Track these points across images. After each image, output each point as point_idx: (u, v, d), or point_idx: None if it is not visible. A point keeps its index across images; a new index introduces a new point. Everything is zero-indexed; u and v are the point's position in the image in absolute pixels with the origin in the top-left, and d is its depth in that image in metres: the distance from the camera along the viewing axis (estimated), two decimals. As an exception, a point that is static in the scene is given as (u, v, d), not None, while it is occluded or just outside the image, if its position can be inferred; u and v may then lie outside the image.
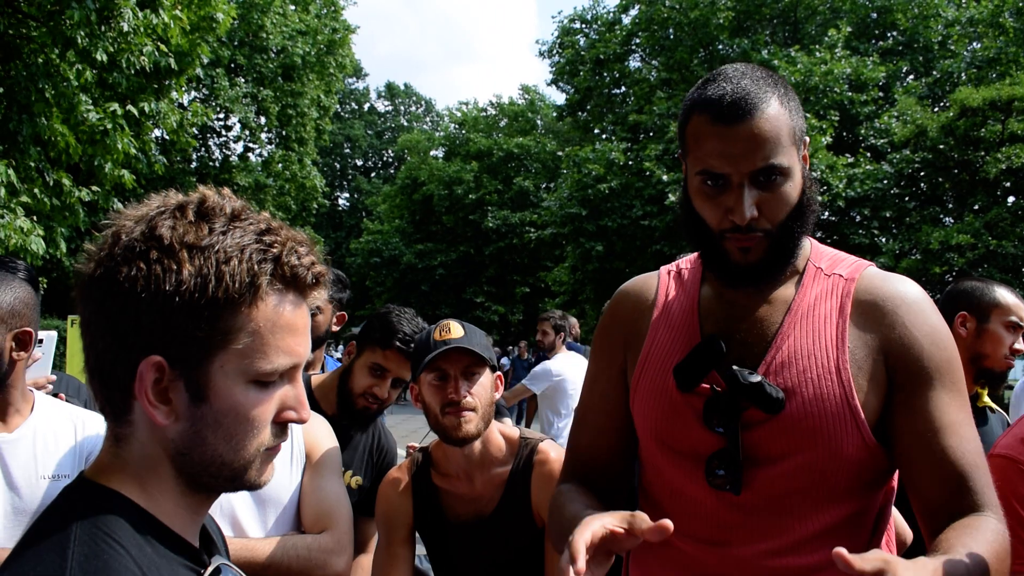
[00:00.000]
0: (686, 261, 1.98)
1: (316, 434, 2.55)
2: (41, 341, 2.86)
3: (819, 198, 1.76)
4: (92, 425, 2.50)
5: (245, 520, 2.33)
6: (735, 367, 1.68)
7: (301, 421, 1.18)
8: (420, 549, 2.69)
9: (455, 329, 2.47)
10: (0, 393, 2.33)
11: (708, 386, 1.72)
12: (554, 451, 2.54)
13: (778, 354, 1.70)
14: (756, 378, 1.65)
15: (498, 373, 2.57)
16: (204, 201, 1.12)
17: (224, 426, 1.10)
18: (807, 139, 1.74)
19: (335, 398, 3.01)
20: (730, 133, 1.61)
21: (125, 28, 9.22)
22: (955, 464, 1.60)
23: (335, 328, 3.80)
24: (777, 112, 1.62)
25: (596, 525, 1.40)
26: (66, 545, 1.00)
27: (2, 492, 2.27)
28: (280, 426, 1.17)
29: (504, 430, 2.61)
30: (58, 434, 2.43)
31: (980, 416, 3.10)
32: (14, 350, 2.30)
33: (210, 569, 1.14)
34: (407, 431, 20.13)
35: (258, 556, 2.24)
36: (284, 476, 2.43)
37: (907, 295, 1.72)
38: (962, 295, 3.15)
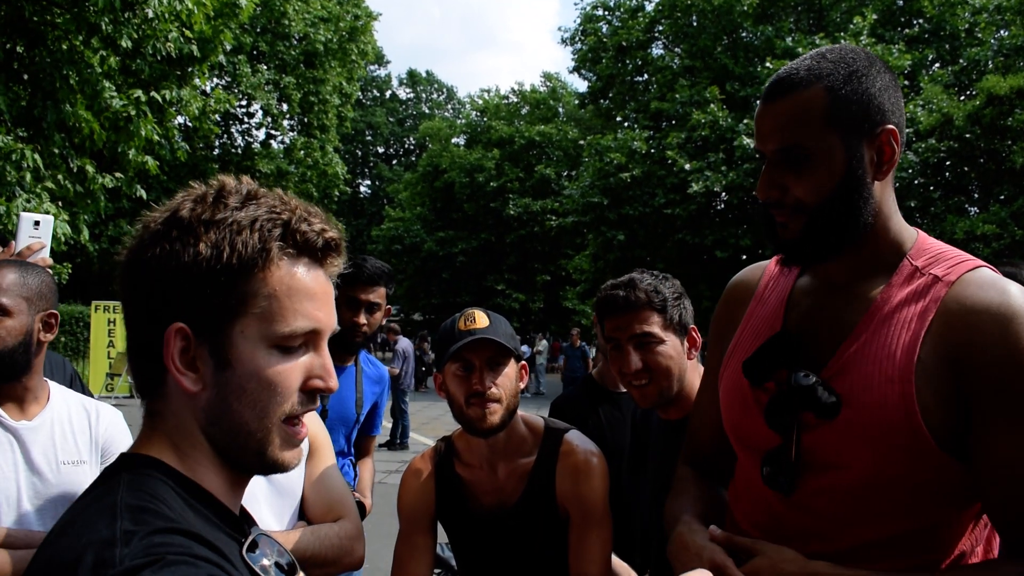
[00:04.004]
0: None
1: (313, 424, 2.55)
2: (38, 223, 2.87)
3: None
4: (105, 414, 2.57)
5: (267, 515, 2.31)
6: (795, 368, 1.67)
7: (329, 390, 1.22)
8: (442, 536, 2.68)
9: (480, 319, 2.44)
10: (23, 378, 2.38)
11: (775, 383, 1.73)
12: (580, 442, 2.52)
13: (844, 356, 1.66)
14: (810, 380, 1.63)
15: (523, 363, 2.54)
16: (223, 186, 1.19)
17: (248, 391, 1.14)
18: (886, 127, 1.65)
19: None
20: (763, 112, 1.68)
21: (150, 14, 9.25)
22: (1016, 504, 1.54)
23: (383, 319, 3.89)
24: (815, 95, 1.61)
25: None
26: (114, 510, 1.03)
27: (25, 477, 2.32)
28: (308, 395, 1.20)
29: (529, 420, 2.59)
30: (74, 421, 2.49)
31: None
32: (41, 332, 2.40)
33: (250, 539, 1.17)
34: (428, 418, 20.21)
35: (301, 548, 2.24)
36: (297, 467, 2.40)
37: (998, 309, 1.56)
38: None
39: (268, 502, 2.32)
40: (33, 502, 2.30)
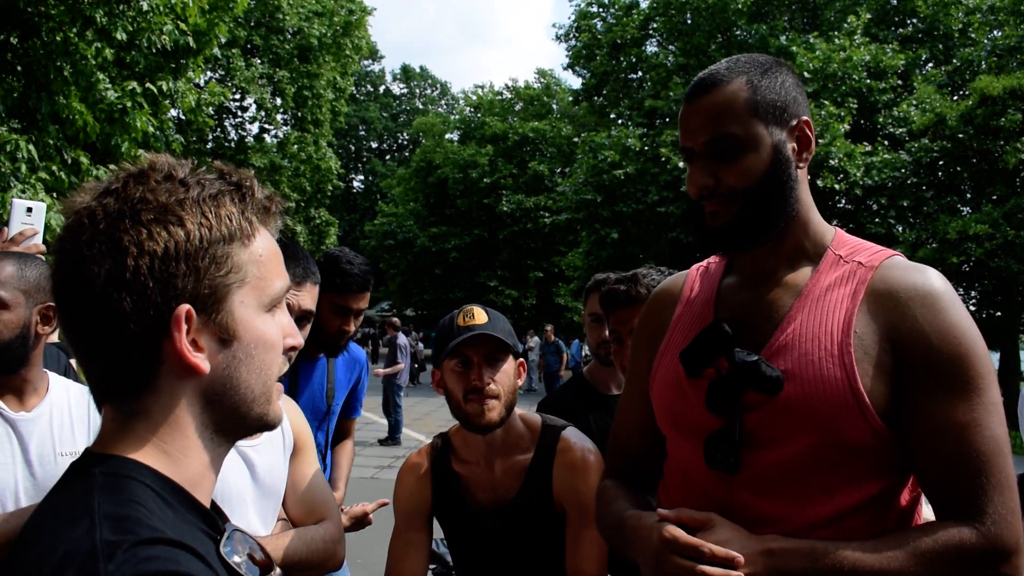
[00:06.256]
0: (716, 257, 2.04)
1: (299, 421, 2.56)
2: (30, 210, 2.87)
3: (811, 184, 1.80)
4: None
5: (253, 518, 2.31)
6: (736, 348, 1.72)
7: (299, 345, 1.26)
8: (438, 532, 2.68)
9: (479, 315, 2.45)
10: (22, 370, 2.38)
11: (714, 370, 1.77)
12: (576, 439, 2.52)
13: (782, 336, 1.73)
14: (753, 358, 1.69)
15: (520, 360, 2.55)
16: (155, 165, 1.16)
17: (255, 357, 1.16)
18: (801, 119, 1.79)
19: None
20: (689, 109, 1.78)
21: (145, 7, 9.22)
22: (952, 470, 1.61)
23: None
24: (738, 88, 1.73)
25: None
26: (91, 516, 0.99)
27: (22, 469, 2.32)
28: (284, 354, 1.24)
29: (526, 416, 2.59)
30: (73, 412, 2.48)
31: None
32: (39, 324, 2.39)
33: (226, 534, 1.15)
34: (421, 413, 20.20)
35: (291, 554, 2.25)
36: (279, 463, 2.41)
37: (923, 288, 1.68)
38: None
39: (255, 504, 2.32)
40: (30, 493, 2.29)
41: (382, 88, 67.14)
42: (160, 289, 1.07)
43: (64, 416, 2.45)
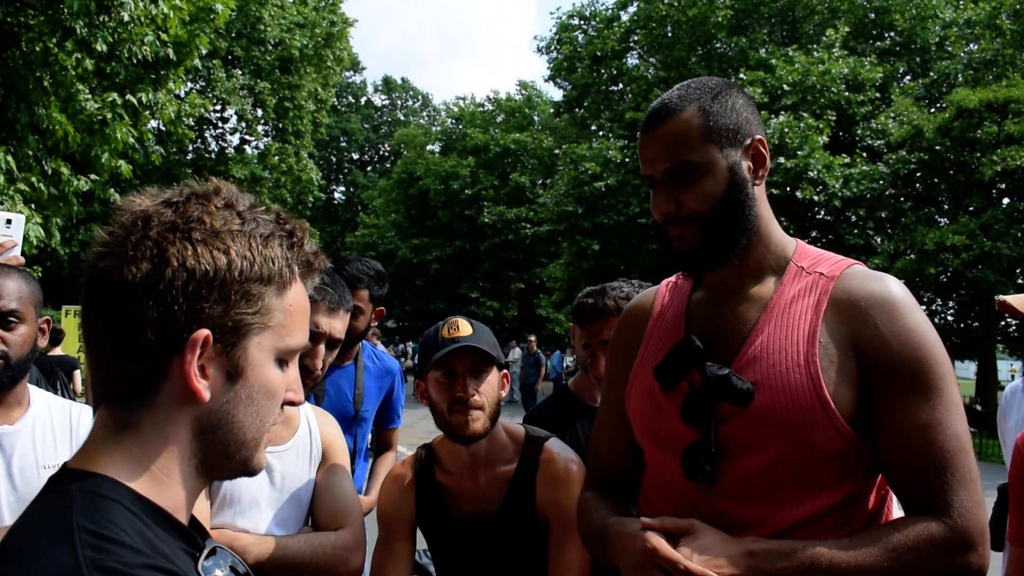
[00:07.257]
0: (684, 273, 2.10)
1: (331, 432, 2.60)
2: (9, 222, 2.86)
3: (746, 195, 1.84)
4: (87, 416, 2.55)
5: (265, 514, 2.34)
6: (708, 363, 1.79)
7: (297, 402, 1.26)
8: (421, 543, 2.68)
9: (464, 327, 2.46)
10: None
11: (687, 384, 1.84)
12: (559, 450, 2.54)
13: (750, 349, 1.80)
14: (723, 371, 1.76)
15: (504, 371, 2.56)
16: (219, 191, 1.18)
17: (256, 402, 1.16)
18: (755, 138, 1.85)
19: None
20: (647, 140, 1.87)
21: (125, 18, 9.20)
22: (918, 468, 1.68)
23: (374, 322, 3.95)
24: (691, 116, 1.80)
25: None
26: (71, 538, 0.98)
27: (5, 483, 2.30)
28: (281, 407, 1.24)
29: (510, 427, 2.61)
30: (55, 424, 2.47)
31: None
32: (39, 338, 2.42)
33: (206, 551, 1.15)
34: (402, 424, 20.09)
35: (291, 554, 2.27)
36: (304, 471, 2.45)
37: (882, 295, 1.75)
38: None
39: (270, 507, 2.35)
40: (13, 507, 2.27)
41: (363, 99, 67.03)
42: (187, 308, 1.08)
43: (47, 429, 2.44)
